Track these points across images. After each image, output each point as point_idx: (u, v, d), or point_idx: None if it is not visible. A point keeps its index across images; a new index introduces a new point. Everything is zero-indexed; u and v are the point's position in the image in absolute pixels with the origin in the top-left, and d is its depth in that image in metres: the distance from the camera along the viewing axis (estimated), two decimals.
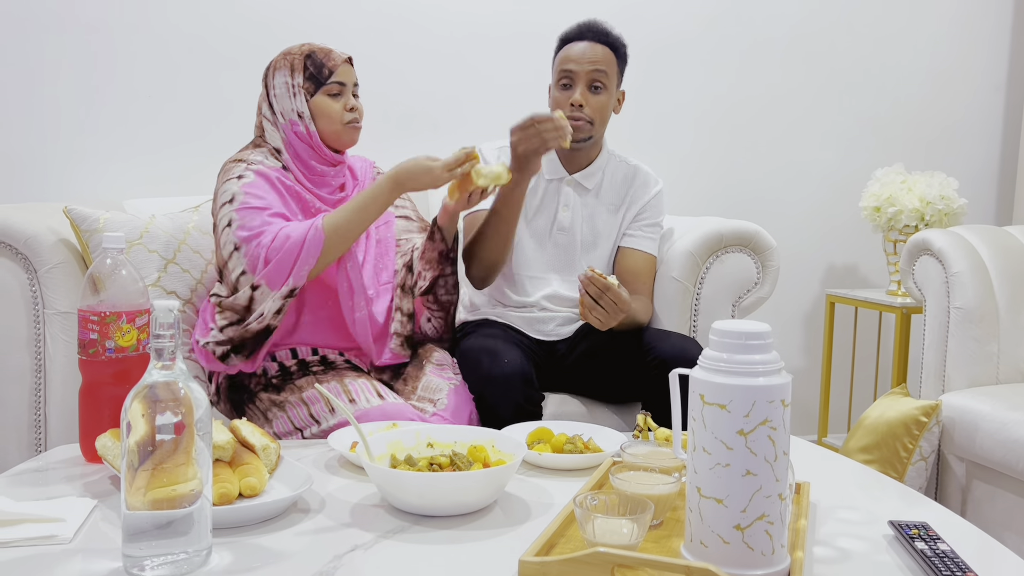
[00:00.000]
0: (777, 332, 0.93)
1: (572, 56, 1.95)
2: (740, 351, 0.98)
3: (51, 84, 2.43)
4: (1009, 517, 1.97)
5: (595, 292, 1.73)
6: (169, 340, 0.98)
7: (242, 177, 1.75)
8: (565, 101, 1.95)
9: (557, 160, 2.04)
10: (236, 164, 1.78)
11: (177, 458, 0.96)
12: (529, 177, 1.85)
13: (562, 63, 1.97)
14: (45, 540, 1.07)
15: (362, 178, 1.94)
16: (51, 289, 1.79)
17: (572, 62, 1.95)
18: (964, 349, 2.17)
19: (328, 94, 1.79)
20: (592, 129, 1.96)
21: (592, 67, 1.94)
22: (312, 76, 1.79)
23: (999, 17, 3.17)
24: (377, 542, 1.11)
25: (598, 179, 2.05)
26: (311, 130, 1.80)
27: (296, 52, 1.82)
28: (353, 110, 1.81)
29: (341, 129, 1.80)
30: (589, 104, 1.94)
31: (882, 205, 2.72)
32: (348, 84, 1.81)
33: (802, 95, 3.03)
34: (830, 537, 1.15)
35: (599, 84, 1.95)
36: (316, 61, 1.79)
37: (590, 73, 1.94)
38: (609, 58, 1.96)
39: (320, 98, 1.79)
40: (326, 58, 1.80)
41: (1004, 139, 3.23)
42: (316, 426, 1.68)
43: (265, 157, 1.80)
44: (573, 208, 2.03)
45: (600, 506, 1.07)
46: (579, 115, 1.93)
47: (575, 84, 1.95)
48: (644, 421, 1.45)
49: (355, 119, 1.82)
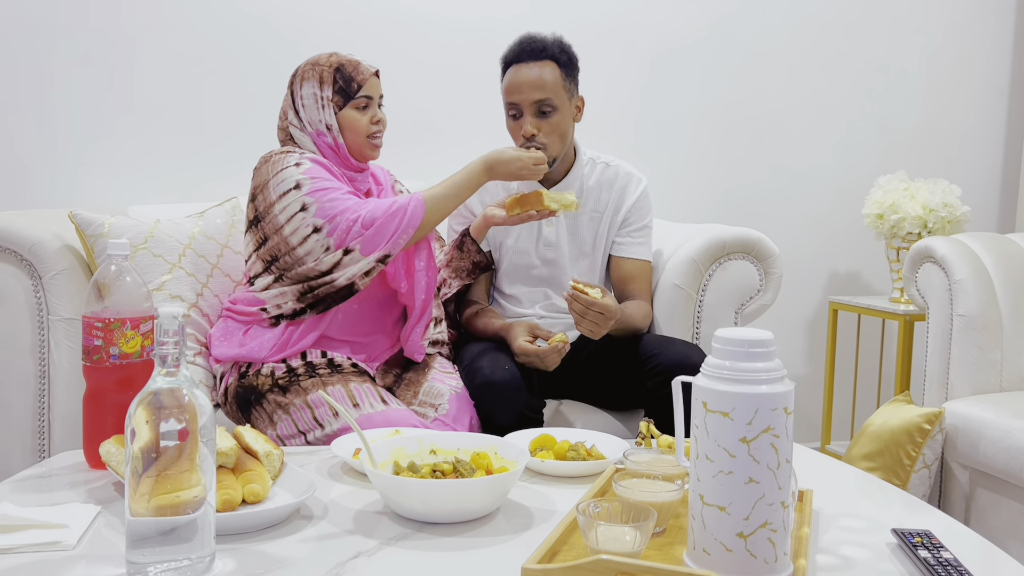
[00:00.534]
0: (780, 339, 0.94)
1: (513, 85, 1.90)
2: (743, 359, 0.98)
3: (58, 91, 2.44)
4: (1013, 526, 1.96)
5: (579, 309, 1.73)
6: (174, 347, 0.98)
7: (300, 164, 1.77)
8: (517, 132, 1.92)
9: None
10: (285, 155, 1.79)
11: (181, 464, 0.97)
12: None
13: (506, 94, 1.93)
14: (49, 546, 1.08)
15: (384, 184, 1.98)
16: (55, 295, 1.80)
17: (515, 92, 1.90)
18: (967, 356, 2.17)
19: (356, 108, 1.82)
20: (550, 152, 1.92)
21: (533, 94, 1.88)
22: (341, 89, 1.81)
23: (1001, 25, 3.17)
24: (380, 549, 1.11)
25: (576, 189, 2.02)
26: (339, 142, 1.83)
27: (325, 63, 1.82)
28: (378, 123, 1.85)
29: (364, 142, 1.84)
30: (541, 130, 1.90)
31: (885, 212, 2.72)
32: (375, 97, 1.85)
33: (805, 102, 3.04)
34: (833, 545, 1.15)
35: (546, 108, 1.89)
36: (345, 74, 1.81)
37: (534, 102, 1.88)
38: (552, 76, 1.89)
39: (348, 111, 1.82)
40: (355, 71, 1.82)
41: (1007, 146, 3.23)
42: (320, 430, 1.69)
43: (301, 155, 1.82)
44: (556, 222, 2.02)
45: (603, 513, 1.07)
46: (534, 144, 1.89)
47: (523, 114, 1.90)
48: (647, 428, 1.45)
49: (378, 131, 1.85)
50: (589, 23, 2.73)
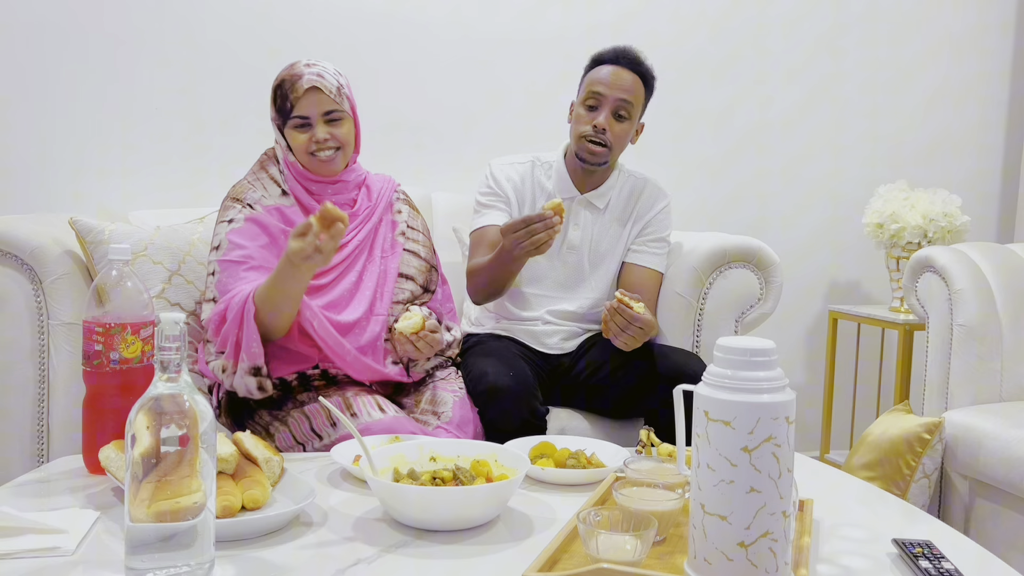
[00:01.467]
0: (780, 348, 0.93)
1: (602, 79, 1.95)
2: (745, 368, 0.98)
3: (59, 96, 2.44)
4: (1013, 536, 1.96)
5: (621, 323, 1.72)
6: (175, 352, 0.98)
7: (232, 222, 1.76)
8: (589, 121, 1.95)
9: (569, 180, 2.05)
10: (233, 204, 1.78)
11: (181, 470, 0.96)
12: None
13: (591, 84, 1.96)
14: (47, 552, 1.07)
15: (378, 198, 1.89)
16: (56, 300, 1.80)
17: (602, 84, 1.94)
18: (967, 366, 2.17)
19: (294, 127, 1.77)
20: (608, 155, 1.97)
21: (621, 94, 1.94)
22: (280, 109, 1.78)
23: (1002, 36, 3.18)
24: (379, 556, 1.10)
25: (608, 198, 2.06)
26: (290, 160, 1.81)
27: (276, 78, 1.80)
28: (321, 141, 1.75)
29: (308, 160, 1.78)
30: (612, 130, 1.95)
31: (885, 222, 2.72)
32: (313, 115, 1.75)
33: (805, 111, 3.04)
34: (834, 555, 1.15)
35: (623, 113, 1.95)
36: (283, 92, 1.77)
37: (617, 100, 1.94)
38: (638, 88, 1.97)
39: (289, 130, 1.78)
40: (291, 89, 1.75)
41: (1006, 156, 3.24)
42: (318, 440, 1.68)
43: (267, 183, 1.81)
44: (583, 227, 2.04)
45: (603, 522, 1.06)
46: (600, 138, 1.94)
47: (601, 107, 1.95)
48: (647, 436, 1.45)
49: (321, 150, 1.76)
50: (591, 29, 2.74)
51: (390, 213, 1.91)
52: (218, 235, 1.76)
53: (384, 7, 2.64)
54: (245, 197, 1.79)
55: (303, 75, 1.75)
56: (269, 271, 1.68)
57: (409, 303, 1.85)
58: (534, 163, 2.09)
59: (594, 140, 1.95)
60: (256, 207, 1.77)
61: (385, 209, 1.91)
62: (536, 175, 2.08)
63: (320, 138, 1.75)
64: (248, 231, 1.75)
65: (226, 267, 1.72)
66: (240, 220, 1.76)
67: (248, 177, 1.85)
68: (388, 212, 1.91)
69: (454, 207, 2.53)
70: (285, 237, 1.74)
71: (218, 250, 1.74)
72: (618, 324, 1.72)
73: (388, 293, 1.84)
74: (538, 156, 2.11)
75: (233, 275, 1.71)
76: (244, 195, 1.79)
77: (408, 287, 1.86)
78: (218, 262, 1.73)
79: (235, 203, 1.79)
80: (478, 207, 2.08)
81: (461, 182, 2.66)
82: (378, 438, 1.54)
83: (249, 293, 1.65)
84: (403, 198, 1.96)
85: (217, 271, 1.73)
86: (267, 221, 1.76)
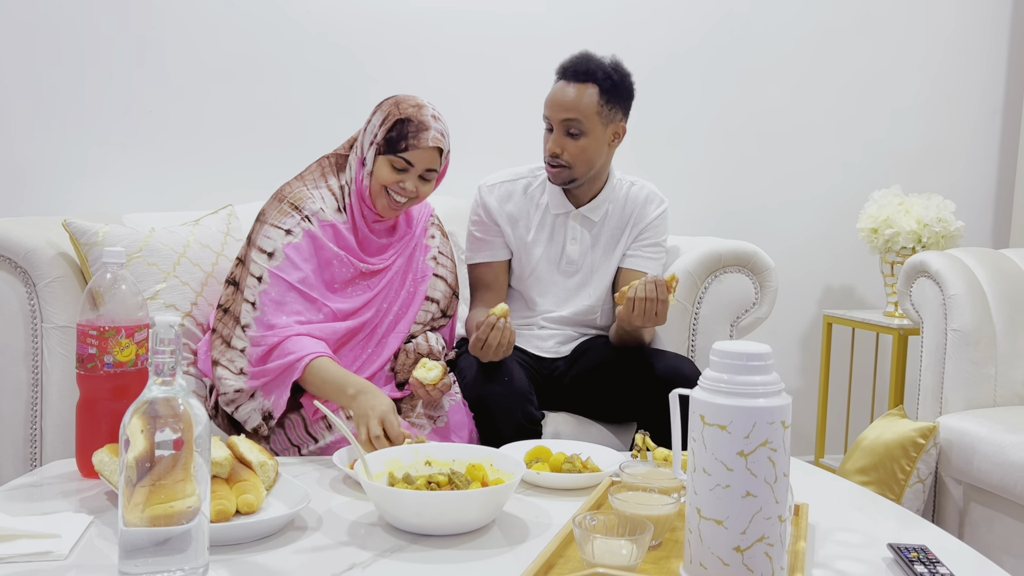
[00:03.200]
0: (774, 353, 0.93)
1: (549, 101, 1.92)
2: (741, 372, 0.98)
3: (53, 97, 2.44)
4: (1007, 540, 1.96)
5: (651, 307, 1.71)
6: (169, 356, 0.97)
7: (290, 233, 1.73)
8: (545, 146, 1.94)
9: (562, 195, 2.01)
10: (293, 212, 1.75)
11: (175, 474, 0.96)
12: None
13: (544, 106, 1.93)
14: (40, 556, 1.07)
15: (415, 225, 1.91)
16: (50, 303, 1.79)
17: (548, 107, 1.91)
18: (961, 371, 2.17)
19: (392, 164, 1.74)
20: (572, 173, 1.93)
21: (563, 114, 1.88)
22: (390, 140, 1.73)
23: (996, 41, 3.19)
24: (375, 561, 1.10)
25: (604, 210, 2.03)
26: (364, 183, 1.79)
27: (400, 106, 1.75)
28: (404, 191, 1.75)
29: (380, 195, 1.77)
30: (567, 150, 1.90)
31: (879, 227, 2.73)
32: (417, 167, 1.74)
33: (801, 117, 3.05)
34: (829, 559, 1.15)
35: (574, 131, 1.89)
36: (403, 130, 1.73)
37: (562, 121, 1.89)
38: (586, 99, 1.87)
39: (383, 159, 1.75)
40: (414, 135, 1.72)
41: (1001, 162, 3.25)
42: (313, 443, 1.68)
43: (326, 195, 1.79)
44: (580, 241, 2.03)
45: (599, 526, 1.06)
46: (556, 162, 1.92)
47: (553, 130, 1.92)
48: (643, 441, 1.45)
49: (399, 200, 1.76)
50: (586, 33, 2.74)
51: (424, 238, 1.94)
52: (271, 239, 1.73)
53: (382, 11, 2.64)
54: (304, 207, 1.76)
55: (431, 128, 1.74)
56: (313, 301, 1.72)
57: (427, 324, 1.89)
58: (528, 180, 2.06)
59: (552, 164, 1.92)
60: (313, 220, 1.75)
61: (421, 234, 1.94)
62: (530, 192, 2.04)
63: (410, 190, 1.75)
64: (305, 249, 1.73)
65: (277, 283, 1.71)
66: (299, 234, 1.74)
67: (307, 183, 1.82)
68: (423, 236, 1.94)
69: (451, 211, 2.52)
70: (337, 262, 1.76)
71: (272, 258, 1.72)
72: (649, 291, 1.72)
73: (412, 314, 1.87)
74: (533, 169, 2.07)
75: (280, 298, 1.70)
76: (304, 204, 1.76)
77: (432, 309, 1.90)
78: (270, 272, 1.71)
79: (294, 211, 1.75)
80: (471, 239, 2.06)
81: (457, 186, 2.66)
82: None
83: (307, 360, 1.64)
84: (436, 223, 1.99)
85: (266, 280, 1.71)
86: (322, 241, 1.75)
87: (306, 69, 2.59)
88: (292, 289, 1.71)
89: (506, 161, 2.23)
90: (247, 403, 1.70)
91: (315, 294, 1.73)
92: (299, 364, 1.64)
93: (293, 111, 2.59)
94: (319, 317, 1.73)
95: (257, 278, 1.72)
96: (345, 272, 1.78)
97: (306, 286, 1.72)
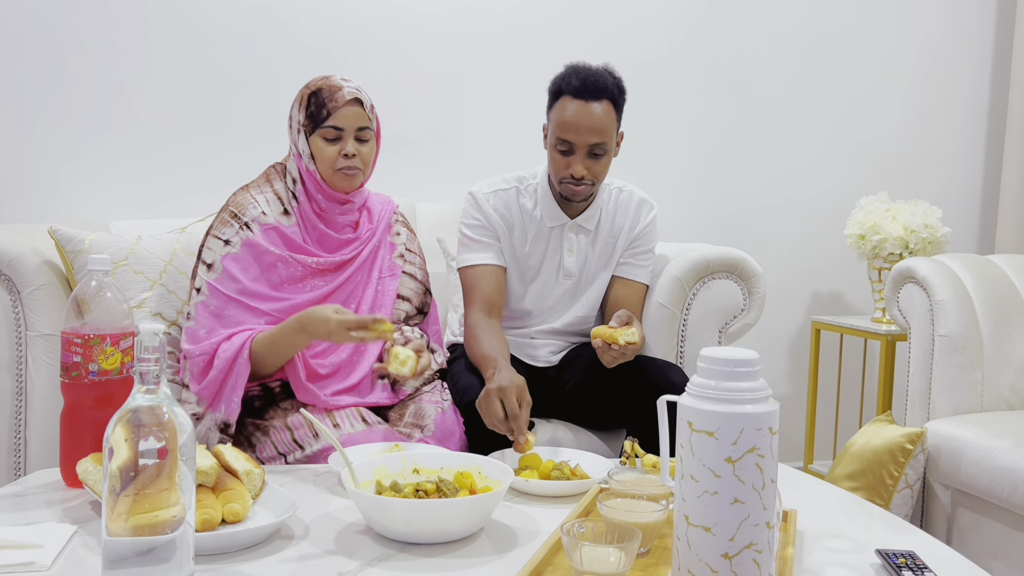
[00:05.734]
0: (763, 359, 0.93)
1: (570, 123, 1.81)
2: (728, 378, 0.98)
3: (39, 105, 2.42)
4: (994, 545, 1.97)
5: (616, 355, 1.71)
6: (154, 364, 0.97)
7: (229, 243, 1.74)
8: (564, 168, 1.85)
9: (557, 207, 1.97)
10: (232, 221, 1.75)
11: (160, 483, 0.95)
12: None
13: (559, 129, 1.83)
14: (22, 567, 1.06)
15: (378, 220, 1.90)
16: (34, 311, 1.78)
17: (571, 131, 1.81)
18: (948, 377, 2.18)
19: (324, 137, 1.74)
20: (593, 189, 1.90)
21: (592, 138, 1.81)
22: (312, 115, 1.75)
23: (981, 48, 3.22)
24: (362, 570, 1.09)
25: (598, 218, 2.01)
26: (310, 169, 1.78)
27: (308, 85, 1.78)
28: (351, 156, 1.74)
29: (333, 174, 1.76)
30: (591, 171, 1.85)
31: (867, 233, 2.74)
32: (348, 128, 1.74)
33: (788, 124, 3.06)
34: (818, 566, 1.15)
35: (599, 152, 1.84)
36: (319, 100, 1.74)
37: (590, 145, 1.82)
38: (609, 117, 1.82)
39: (316, 139, 1.75)
40: (329, 98, 1.73)
41: (986, 168, 3.27)
42: (300, 451, 1.66)
43: (270, 198, 1.78)
44: (577, 252, 2.00)
45: (587, 534, 1.06)
46: (582, 183, 1.85)
47: (573, 152, 1.84)
48: (631, 448, 1.45)
49: (349, 166, 1.75)
50: (575, 42, 2.75)
51: (388, 235, 1.93)
52: (212, 251, 1.74)
53: (368, 16, 2.64)
54: (245, 214, 1.76)
55: (343, 87, 1.75)
56: (252, 311, 1.71)
57: (403, 323, 1.87)
58: (518, 188, 2.00)
59: (574, 184, 1.86)
60: (253, 227, 1.75)
61: (384, 231, 1.92)
62: (521, 202, 1.99)
63: (350, 152, 1.74)
64: (243, 259, 1.73)
65: (215, 295, 1.71)
66: (236, 244, 1.74)
67: (251, 190, 1.82)
68: (387, 234, 1.93)
69: (439, 218, 2.52)
70: (282, 264, 1.75)
71: (210, 269, 1.73)
72: (613, 356, 1.72)
73: (386, 315, 1.85)
74: (521, 177, 2.02)
75: (219, 311, 1.71)
76: (244, 212, 1.76)
77: (404, 308, 1.88)
78: (208, 284, 1.72)
79: (233, 220, 1.76)
80: (465, 240, 1.98)
81: (446, 192, 2.66)
82: (378, 446, 1.53)
83: (243, 345, 1.65)
84: (401, 220, 1.97)
85: (205, 292, 1.72)
86: (263, 247, 1.74)
87: (293, 73, 2.57)
88: (231, 301, 1.71)
89: (494, 168, 2.23)
90: (199, 425, 1.68)
91: (254, 303, 1.72)
92: (241, 354, 1.65)
93: (280, 116, 2.54)
94: (260, 323, 1.72)
95: (197, 289, 1.73)
96: (294, 272, 1.76)
97: (245, 296, 1.72)
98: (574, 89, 1.82)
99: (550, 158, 1.90)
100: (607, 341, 1.70)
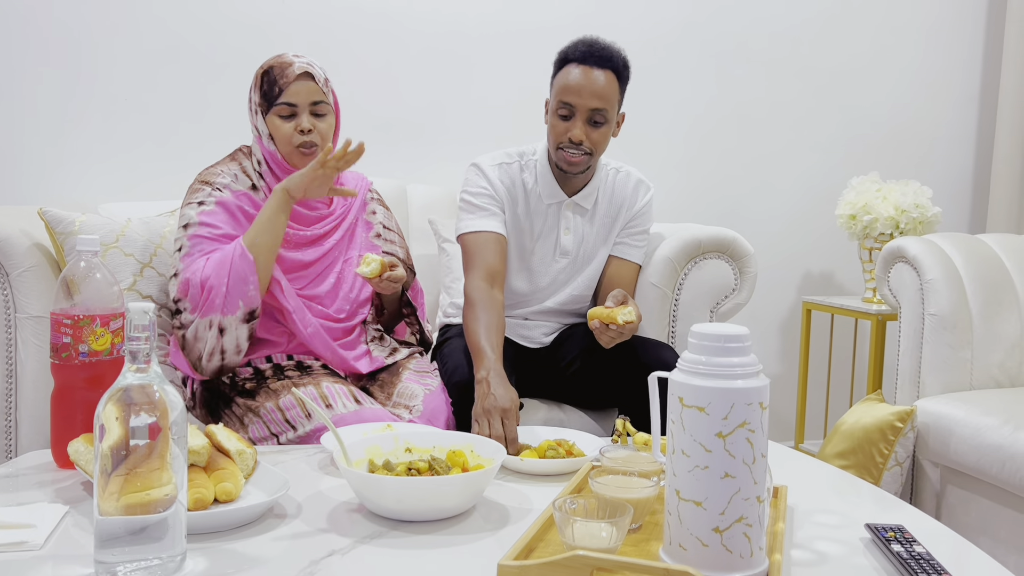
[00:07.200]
0: (754, 339, 0.93)
1: (572, 86, 1.81)
2: (719, 354, 0.99)
3: (27, 86, 2.40)
4: (983, 522, 1.99)
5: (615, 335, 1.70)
6: (144, 342, 0.96)
7: (202, 204, 1.74)
8: (563, 133, 1.84)
9: (555, 184, 1.95)
10: (202, 186, 1.77)
11: (151, 463, 0.95)
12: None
13: (561, 92, 1.82)
14: (15, 547, 1.05)
15: (353, 199, 1.89)
16: (23, 293, 1.77)
17: (572, 94, 1.80)
18: (938, 355, 2.19)
19: (279, 115, 1.74)
20: (590, 160, 1.88)
21: (594, 103, 1.80)
22: (265, 94, 1.75)
23: (973, 30, 3.22)
24: (354, 547, 1.10)
25: (595, 197, 2.00)
26: (271, 149, 1.78)
27: (262, 65, 1.78)
28: (307, 131, 1.73)
29: (292, 151, 1.75)
30: (589, 139, 1.83)
31: (857, 213, 2.75)
32: (301, 104, 1.73)
33: (780, 104, 3.06)
34: (808, 540, 1.16)
35: (599, 119, 1.83)
36: (271, 78, 1.74)
37: (591, 109, 1.81)
38: (611, 86, 1.82)
39: (272, 118, 1.75)
40: (280, 75, 1.73)
41: (977, 149, 3.28)
42: (292, 432, 1.67)
43: (238, 173, 1.79)
44: (575, 230, 1.99)
45: (579, 510, 1.06)
46: (577, 151, 1.84)
47: (574, 117, 1.82)
48: (623, 426, 1.45)
49: (307, 142, 1.74)
50: (567, 25, 2.73)
51: (364, 213, 1.92)
52: (186, 216, 1.75)
53: (356, 5, 2.63)
54: (215, 181, 1.78)
55: (293, 63, 1.75)
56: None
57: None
58: (520, 163, 1.97)
59: (572, 151, 1.85)
60: (225, 192, 1.77)
61: (360, 209, 1.91)
62: (524, 176, 1.96)
63: (305, 127, 1.73)
64: (218, 214, 1.74)
65: (197, 241, 1.71)
66: (211, 203, 1.75)
67: (219, 165, 1.83)
68: (362, 212, 1.92)
69: (429, 199, 2.52)
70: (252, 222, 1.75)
71: (187, 228, 1.73)
72: (611, 336, 1.71)
73: (368, 296, 1.86)
74: (522, 152, 1.99)
75: (204, 248, 1.71)
76: (214, 179, 1.78)
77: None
78: (187, 237, 1.72)
79: (204, 185, 1.77)
80: (469, 207, 1.91)
81: (436, 174, 2.65)
82: (371, 426, 1.53)
83: (234, 243, 1.69)
84: (376, 198, 1.96)
85: (185, 246, 1.72)
86: (237, 205, 1.76)
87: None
88: (212, 241, 1.72)
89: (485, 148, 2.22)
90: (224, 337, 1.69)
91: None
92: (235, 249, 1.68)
93: None
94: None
95: (178, 250, 1.74)
96: None
97: (227, 238, 1.73)
98: (580, 55, 1.83)
99: (550, 126, 1.88)
100: (604, 321, 1.69)
